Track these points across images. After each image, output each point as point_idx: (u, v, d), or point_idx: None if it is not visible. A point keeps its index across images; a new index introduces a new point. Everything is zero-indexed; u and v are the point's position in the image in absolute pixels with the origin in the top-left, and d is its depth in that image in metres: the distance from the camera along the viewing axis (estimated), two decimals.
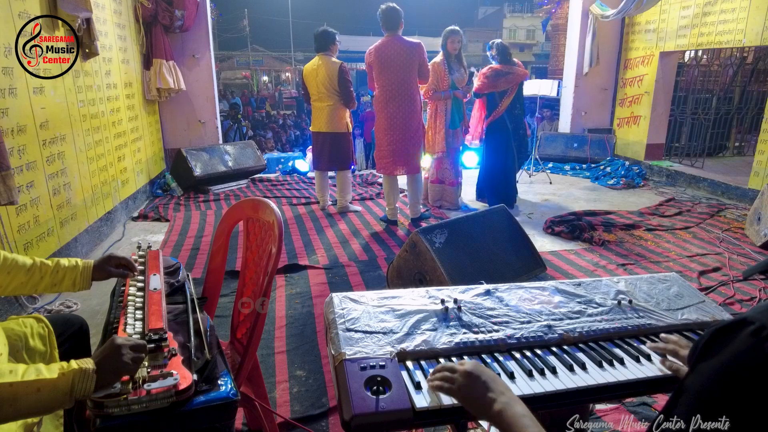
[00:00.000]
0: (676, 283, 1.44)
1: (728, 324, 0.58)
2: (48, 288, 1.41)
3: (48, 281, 1.39)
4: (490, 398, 0.85)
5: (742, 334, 0.55)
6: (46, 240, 3.11)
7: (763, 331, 0.54)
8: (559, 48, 11.36)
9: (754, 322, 0.55)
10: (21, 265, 1.35)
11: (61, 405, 0.99)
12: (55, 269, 1.40)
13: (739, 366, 0.54)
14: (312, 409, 1.97)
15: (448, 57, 4.56)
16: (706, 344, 0.60)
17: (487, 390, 0.87)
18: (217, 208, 5.03)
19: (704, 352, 0.59)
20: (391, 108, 4.15)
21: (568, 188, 5.88)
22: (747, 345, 0.54)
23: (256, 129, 11.51)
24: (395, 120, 4.16)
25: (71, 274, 1.42)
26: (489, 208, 3.17)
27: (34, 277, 1.37)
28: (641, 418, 1.91)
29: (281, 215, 1.48)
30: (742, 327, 0.56)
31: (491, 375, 0.91)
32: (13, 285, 1.35)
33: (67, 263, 1.43)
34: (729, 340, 0.57)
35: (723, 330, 0.58)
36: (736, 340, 0.56)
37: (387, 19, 4.09)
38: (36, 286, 1.39)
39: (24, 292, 1.40)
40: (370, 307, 1.20)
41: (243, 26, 26.47)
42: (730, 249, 3.77)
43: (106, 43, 4.32)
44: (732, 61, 7.14)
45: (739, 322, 0.57)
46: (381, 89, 4.16)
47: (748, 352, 0.54)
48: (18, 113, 2.86)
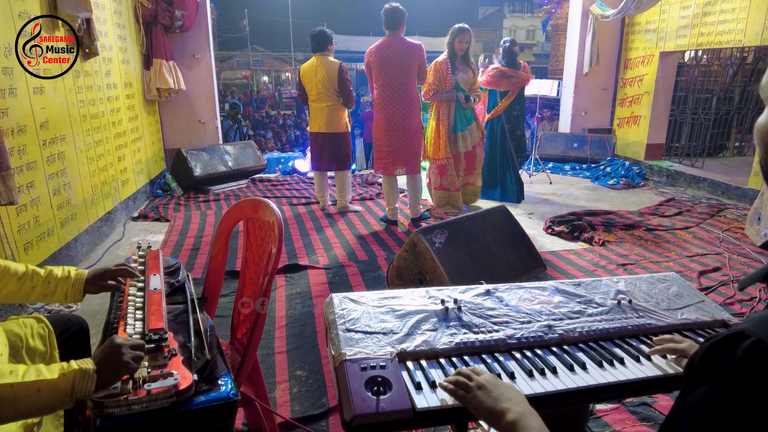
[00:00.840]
0: (676, 283, 1.44)
1: (724, 337, 0.57)
2: (40, 298, 1.38)
3: (39, 291, 1.37)
4: (504, 408, 0.84)
5: (738, 349, 0.54)
6: (47, 240, 3.11)
7: (761, 346, 0.53)
8: (559, 48, 11.36)
9: (750, 336, 0.54)
10: (13, 273, 1.33)
11: (62, 405, 0.99)
12: (46, 279, 1.37)
13: (738, 382, 0.53)
14: (312, 410, 1.97)
15: (453, 56, 4.40)
16: (702, 358, 0.58)
17: (501, 400, 0.85)
18: (217, 208, 5.03)
19: (701, 367, 0.58)
20: (389, 108, 4.15)
21: (568, 188, 5.88)
22: (743, 359, 0.53)
23: (256, 129, 11.51)
24: (394, 120, 4.17)
25: (63, 286, 1.39)
26: (489, 208, 3.17)
27: (25, 285, 1.35)
28: (641, 418, 1.91)
29: (281, 215, 1.48)
30: (738, 341, 0.55)
31: (508, 386, 0.90)
32: (4, 292, 1.33)
33: (60, 273, 1.40)
34: (725, 354, 0.56)
35: (719, 344, 0.57)
36: (732, 354, 0.55)
37: (390, 19, 4.10)
38: (27, 296, 1.36)
39: (16, 300, 1.37)
40: (370, 308, 1.20)
41: (243, 26, 26.46)
42: (730, 249, 3.77)
43: (106, 43, 4.32)
44: (732, 61, 7.14)
45: (735, 336, 0.56)
46: (380, 89, 4.16)
47: (744, 366, 0.53)
48: (18, 113, 2.86)
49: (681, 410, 0.60)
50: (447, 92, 4.39)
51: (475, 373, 0.93)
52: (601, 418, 1.91)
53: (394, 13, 4.09)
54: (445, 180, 4.63)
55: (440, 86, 4.39)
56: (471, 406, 0.89)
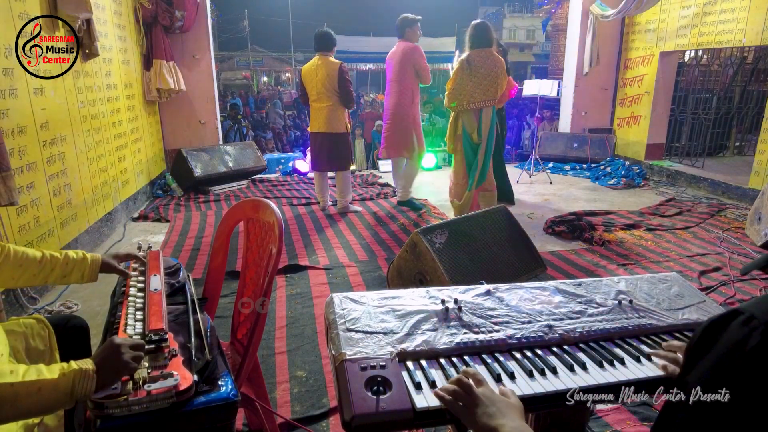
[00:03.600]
0: (677, 282, 1.44)
1: (720, 316, 0.61)
2: (58, 279, 1.45)
3: (58, 272, 1.44)
4: (498, 424, 0.83)
5: (733, 324, 0.59)
6: (47, 241, 3.11)
7: (752, 321, 0.57)
8: (559, 48, 11.36)
9: (744, 313, 0.58)
10: (32, 258, 1.40)
11: (62, 405, 0.99)
12: (64, 261, 1.45)
13: (733, 354, 0.57)
14: (312, 410, 1.96)
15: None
16: (700, 338, 0.62)
17: (496, 417, 0.84)
18: (218, 208, 5.03)
19: (699, 345, 0.62)
20: (387, 99, 4.89)
21: (569, 188, 5.88)
22: (739, 334, 0.57)
23: (256, 129, 11.50)
24: (388, 109, 4.85)
25: (80, 267, 1.47)
26: (489, 208, 3.17)
27: (45, 269, 1.42)
28: (642, 418, 1.91)
29: (281, 216, 1.48)
30: (733, 318, 0.59)
31: (504, 401, 0.88)
32: (26, 277, 1.39)
33: (74, 255, 1.47)
34: (722, 331, 0.60)
35: (716, 322, 0.61)
36: (727, 330, 0.59)
37: (396, 27, 4.77)
38: (47, 278, 1.43)
39: (35, 283, 1.43)
40: (371, 308, 1.20)
41: (243, 27, 26.45)
42: (731, 249, 3.77)
43: (107, 44, 4.32)
44: (732, 60, 7.14)
45: (731, 314, 0.60)
46: (387, 84, 4.91)
47: (740, 340, 0.57)
48: (18, 114, 2.86)
49: (682, 388, 0.62)
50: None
51: (476, 380, 0.91)
52: (601, 418, 1.91)
53: (398, 23, 4.76)
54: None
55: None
56: (465, 420, 0.88)
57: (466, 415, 0.88)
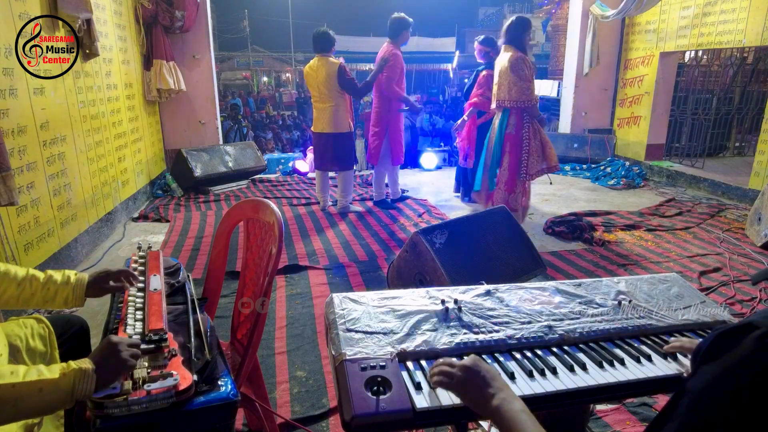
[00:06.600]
0: (677, 283, 1.44)
1: (733, 327, 0.59)
2: (40, 304, 1.35)
3: (39, 297, 1.34)
4: (489, 393, 0.85)
5: (747, 339, 0.56)
6: (47, 241, 3.11)
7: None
8: (559, 48, 11.35)
9: (760, 327, 0.56)
10: (12, 277, 1.30)
11: (63, 405, 0.99)
12: (45, 284, 1.34)
13: (743, 369, 0.55)
14: (312, 410, 1.96)
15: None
16: (709, 347, 0.60)
17: (486, 386, 0.87)
18: (218, 208, 5.03)
19: (708, 354, 0.60)
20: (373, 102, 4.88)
21: (569, 188, 5.88)
22: (751, 349, 0.55)
23: (257, 129, 11.51)
24: (372, 113, 4.86)
25: (63, 291, 1.36)
26: (489, 208, 3.17)
27: (25, 291, 1.32)
28: (642, 418, 1.91)
29: (281, 216, 1.48)
30: (747, 331, 0.57)
31: (490, 370, 0.91)
32: (5, 297, 1.30)
33: (59, 278, 1.36)
34: (734, 343, 0.57)
35: (727, 333, 0.59)
36: (740, 344, 0.56)
37: (390, 26, 4.64)
38: (28, 302, 1.33)
39: (17, 305, 1.33)
40: (371, 308, 1.20)
41: (243, 27, 26.45)
42: (731, 249, 3.77)
43: (107, 44, 4.32)
44: (732, 61, 7.14)
45: (745, 326, 0.57)
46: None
47: (753, 356, 0.54)
48: (18, 114, 2.86)
49: (682, 394, 0.61)
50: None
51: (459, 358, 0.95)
52: (601, 419, 1.91)
53: (389, 23, 4.65)
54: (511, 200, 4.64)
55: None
56: (456, 391, 0.91)
57: (456, 388, 0.91)
